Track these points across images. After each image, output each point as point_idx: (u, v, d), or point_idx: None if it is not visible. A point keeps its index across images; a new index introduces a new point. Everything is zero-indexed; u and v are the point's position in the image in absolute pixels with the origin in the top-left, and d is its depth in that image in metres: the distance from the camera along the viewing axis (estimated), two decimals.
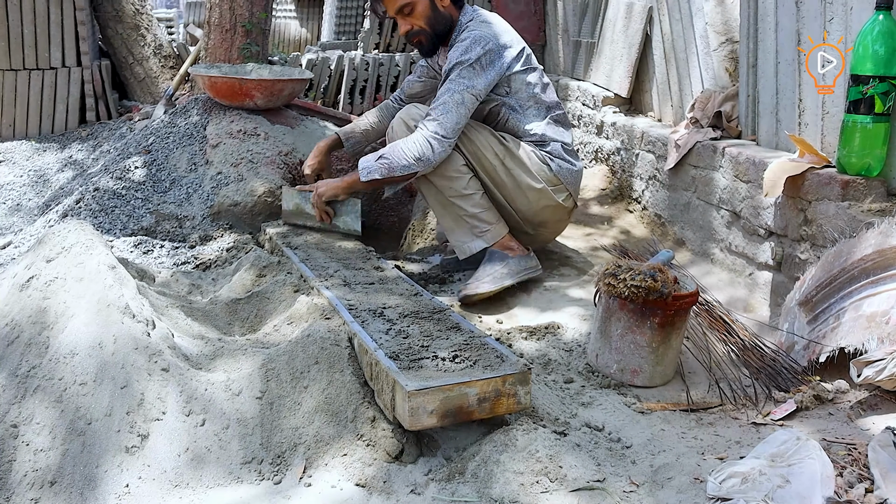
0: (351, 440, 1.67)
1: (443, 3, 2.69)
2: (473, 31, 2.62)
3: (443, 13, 2.70)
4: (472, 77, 2.57)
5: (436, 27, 2.71)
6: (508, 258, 2.65)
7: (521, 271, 2.66)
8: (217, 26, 4.27)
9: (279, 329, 2.09)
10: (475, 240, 2.66)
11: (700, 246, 2.96)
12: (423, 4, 2.67)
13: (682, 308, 2.04)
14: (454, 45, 2.63)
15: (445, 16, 2.70)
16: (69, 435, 1.58)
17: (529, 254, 2.71)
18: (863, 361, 1.81)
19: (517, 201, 2.70)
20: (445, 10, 2.70)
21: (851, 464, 1.55)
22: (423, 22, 2.69)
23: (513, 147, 2.68)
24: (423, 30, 2.70)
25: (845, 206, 2.19)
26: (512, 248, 2.68)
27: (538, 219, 2.76)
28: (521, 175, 2.67)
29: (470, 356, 1.80)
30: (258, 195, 3.16)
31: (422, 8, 2.67)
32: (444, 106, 2.54)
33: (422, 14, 2.67)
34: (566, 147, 2.78)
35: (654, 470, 1.64)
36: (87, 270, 1.79)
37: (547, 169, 2.70)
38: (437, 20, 2.70)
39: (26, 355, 1.67)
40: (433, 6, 2.68)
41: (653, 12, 3.64)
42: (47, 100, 5.06)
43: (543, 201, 2.71)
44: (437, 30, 2.72)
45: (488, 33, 2.62)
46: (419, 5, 2.66)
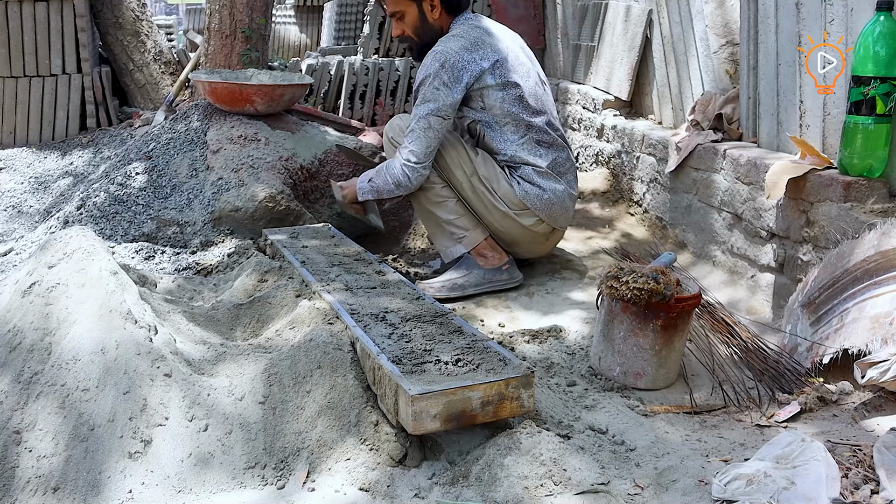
0: (354, 444, 1.67)
1: (433, 15, 2.70)
2: (437, 46, 2.63)
3: (431, 24, 2.71)
4: (436, 97, 2.59)
5: (422, 37, 2.73)
6: (475, 268, 2.70)
7: (482, 283, 2.69)
8: (217, 32, 4.28)
9: (281, 334, 2.08)
10: (456, 245, 2.72)
11: (701, 248, 2.95)
12: (412, 15, 2.70)
13: (685, 310, 2.04)
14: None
15: (434, 27, 2.71)
16: (72, 441, 1.58)
17: (503, 266, 2.72)
18: (867, 363, 1.81)
19: (486, 217, 2.72)
20: (435, 22, 2.71)
21: (856, 465, 1.55)
22: (410, 30, 2.72)
23: (481, 165, 2.68)
24: (411, 38, 2.75)
25: (847, 207, 2.19)
26: (485, 256, 2.70)
27: (508, 238, 2.75)
28: (486, 195, 2.68)
29: (473, 360, 1.79)
30: (259, 200, 3.16)
31: (410, 18, 2.71)
32: (412, 133, 2.61)
33: (410, 23, 2.71)
34: (538, 170, 2.68)
35: (658, 473, 1.63)
36: (89, 276, 1.79)
37: (511, 193, 2.67)
38: (425, 31, 2.72)
39: (29, 361, 1.67)
40: (422, 17, 2.70)
41: (652, 15, 3.64)
42: (48, 107, 5.07)
43: (509, 222, 2.70)
44: (424, 40, 2.73)
45: (451, 48, 2.60)
46: (408, 15, 2.70)
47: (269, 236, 2.92)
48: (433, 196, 2.69)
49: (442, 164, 2.67)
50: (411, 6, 2.69)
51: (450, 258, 2.75)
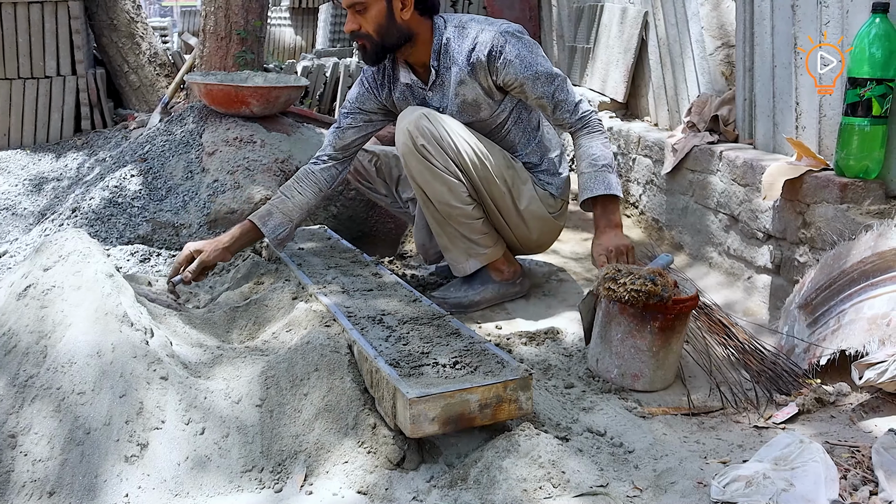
0: (352, 447, 1.66)
1: (402, 14, 2.34)
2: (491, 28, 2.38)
3: (399, 25, 2.35)
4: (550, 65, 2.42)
5: (385, 38, 2.36)
6: (490, 282, 2.60)
7: (497, 297, 2.63)
8: (212, 34, 4.27)
9: (278, 336, 2.08)
10: (469, 260, 2.55)
11: (698, 249, 2.96)
12: (378, 9, 2.32)
13: (683, 312, 2.03)
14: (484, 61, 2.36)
15: (402, 28, 2.36)
16: (68, 444, 1.57)
17: (516, 279, 2.66)
18: (864, 364, 1.81)
19: (519, 229, 2.58)
20: (403, 23, 2.35)
21: (855, 466, 1.55)
22: (371, 27, 2.34)
23: (521, 175, 2.53)
24: (370, 36, 2.36)
25: (844, 208, 2.20)
26: (502, 271, 2.61)
27: (538, 242, 2.69)
28: (527, 204, 2.54)
29: (471, 362, 1.79)
30: (255, 202, 3.15)
31: (374, 13, 2.32)
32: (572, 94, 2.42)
33: (373, 19, 2.33)
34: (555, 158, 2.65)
35: (656, 475, 1.63)
36: (85, 279, 1.78)
37: (548, 195, 2.59)
38: (389, 31, 2.35)
39: (24, 364, 1.66)
40: (389, 15, 2.33)
41: (648, 17, 3.64)
42: (42, 109, 5.06)
43: (547, 227, 2.63)
44: (387, 42, 2.37)
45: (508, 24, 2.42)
46: (373, 9, 2.32)
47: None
48: (461, 216, 2.45)
49: (483, 175, 2.43)
50: (378, 2, 2.31)
51: (461, 273, 2.60)
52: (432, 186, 2.40)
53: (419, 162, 2.37)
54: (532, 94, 2.40)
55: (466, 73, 2.41)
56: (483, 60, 2.37)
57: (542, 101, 2.40)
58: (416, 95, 2.53)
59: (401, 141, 2.37)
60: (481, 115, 2.48)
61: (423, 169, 2.38)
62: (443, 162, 2.36)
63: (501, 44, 2.34)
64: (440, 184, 2.39)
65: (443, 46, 2.42)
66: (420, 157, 2.35)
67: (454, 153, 2.37)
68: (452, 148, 2.37)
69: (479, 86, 2.43)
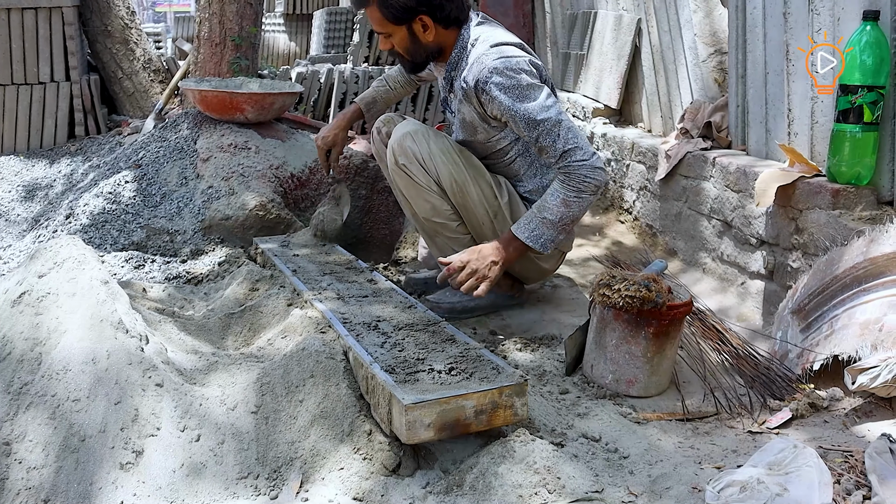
0: (347, 454, 1.66)
1: (426, 37, 2.36)
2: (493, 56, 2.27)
3: (425, 45, 2.38)
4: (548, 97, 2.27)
5: (415, 57, 2.43)
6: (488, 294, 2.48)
7: (490, 307, 2.60)
8: (207, 40, 4.27)
9: (273, 343, 2.08)
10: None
11: (691, 255, 2.97)
12: (401, 37, 2.37)
13: (677, 318, 2.04)
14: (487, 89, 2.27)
15: (430, 47, 2.39)
16: (63, 452, 1.56)
17: (514, 293, 2.62)
18: (857, 369, 1.82)
19: None
20: (430, 43, 2.38)
21: (848, 471, 1.56)
22: (400, 50, 2.41)
23: (512, 208, 2.48)
24: (401, 55, 2.44)
25: (836, 214, 2.21)
26: (499, 284, 2.48)
27: (521, 275, 2.62)
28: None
29: (466, 368, 1.79)
30: (250, 209, 3.15)
31: (399, 40, 2.38)
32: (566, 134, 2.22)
33: (399, 44, 2.39)
34: None
35: (651, 480, 1.64)
36: (80, 286, 1.78)
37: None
38: (417, 52, 2.40)
39: (18, 372, 1.66)
40: (412, 39, 2.37)
41: (641, 24, 3.66)
42: (36, 115, 5.04)
43: (531, 265, 2.55)
44: (417, 59, 2.43)
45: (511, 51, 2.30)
46: (396, 37, 2.37)
47: (259, 245, 2.91)
48: (446, 231, 2.48)
49: (461, 202, 2.43)
50: (399, 30, 2.35)
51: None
52: (416, 202, 2.46)
53: (402, 178, 2.44)
54: (518, 132, 2.33)
55: (461, 95, 2.41)
56: (471, 89, 2.33)
57: (527, 140, 2.31)
58: (443, 90, 2.58)
59: (388, 157, 2.47)
60: (478, 138, 2.47)
61: (408, 184, 2.43)
62: (425, 181, 2.41)
63: (486, 79, 2.26)
64: (423, 200, 2.45)
65: (459, 61, 2.41)
66: (404, 175, 2.42)
67: (435, 175, 2.41)
68: (434, 170, 2.40)
69: (474, 109, 2.40)
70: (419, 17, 2.32)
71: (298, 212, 3.44)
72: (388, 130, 2.71)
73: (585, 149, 2.24)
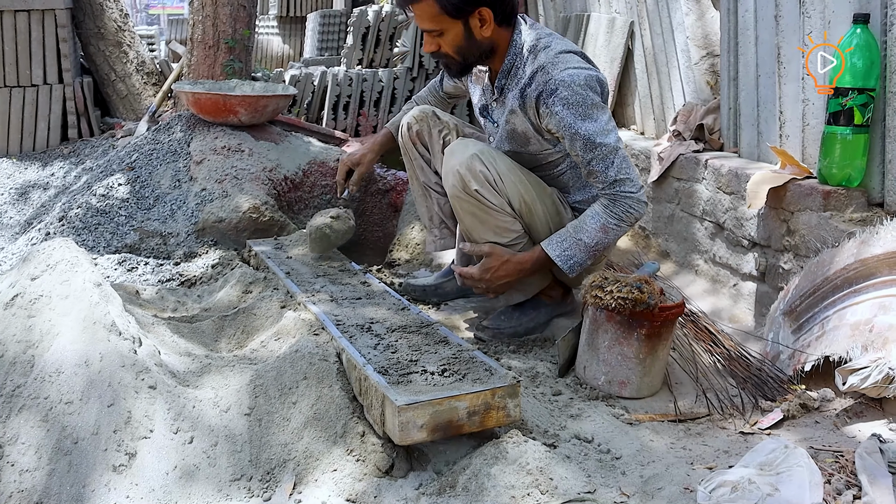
0: (340, 455, 1.66)
1: (482, 32, 2.22)
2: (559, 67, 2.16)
3: (480, 42, 2.24)
4: (609, 123, 2.18)
5: (467, 57, 2.27)
6: (542, 307, 2.50)
7: (549, 321, 2.53)
8: (200, 43, 4.27)
9: (266, 345, 2.08)
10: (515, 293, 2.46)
11: (684, 257, 2.98)
12: (455, 34, 2.21)
13: (669, 319, 2.05)
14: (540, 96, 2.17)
15: (483, 45, 2.25)
16: (55, 454, 1.56)
17: (566, 300, 2.56)
18: (847, 370, 1.83)
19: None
20: (485, 40, 2.24)
21: (839, 471, 1.57)
22: (450, 49, 2.24)
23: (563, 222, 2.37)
24: (450, 56, 2.27)
25: (827, 216, 2.22)
26: (551, 295, 2.50)
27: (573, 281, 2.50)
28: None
29: (459, 370, 1.80)
30: (243, 211, 3.15)
31: (452, 36, 2.22)
32: (621, 163, 2.16)
33: (451, 42, 2.23)
34: None
35: (643, 480, 1.64)
36: (73, 288, 1.78)
37: None
38: (471, 50, 2.25)
39: (11, 374, 1.65)
40: (468, 35, 2.22)
41: (634, 27, 3.68)
42: (29, 117, 5.03)
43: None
44: (469, 60, 2.29)
45: (574, 62, 2.19)
46: (450, 33, 2.21)
47: (253, 247, 2.91)
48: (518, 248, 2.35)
49: (528, 224, 2.33)
50: (454, 25, 2.19)
51: (509, 301, 2.49)
52: (482, 230, 2.30)
53: (471, 205, 2.26)
54: (570, 150, 2.23)
55: (518, 104, 2.27)
56: (532, 99, 2.21)
57: (577, 160, 2.22)
58: (483, 97, 2.46)
59: (450, 182, 2.27)
60: (530, 149, 2.35)
61: (478, 209, 2.26)
62: (498, 203, 2.26)
63: (552, 91, 2.15)
64: (495, 223, 2.28)
65: (514, 67, 2.28)
66: (473, 200, 2.25)
67: (506, 196, 2.27)
68: (504, 192, 2.26)
69: (528, 121, 2.28)
70: (478, 10, 2.18)
71: (292, 214, 3.44)
72: (420, 129, 2.63)
73: (635, 181, 2.19)
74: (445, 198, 2.61)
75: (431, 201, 2.73)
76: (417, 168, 2.71)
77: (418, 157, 2.70)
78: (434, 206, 2.73)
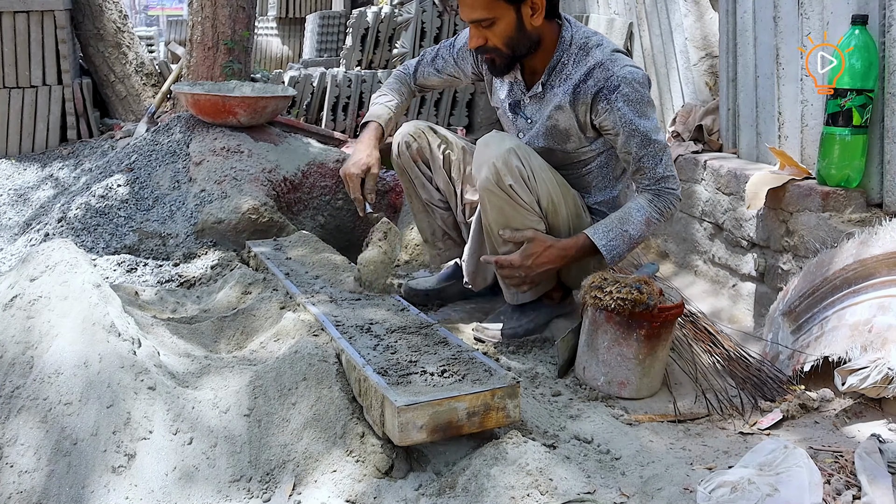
0: (340, 456, 1.66)
1: (533, 21, 2.15)
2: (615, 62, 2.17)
3: (529, 33, 2.18)
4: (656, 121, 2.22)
5: (517, 49, 2.20)
6: (542, 308, 2.48)
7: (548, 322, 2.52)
8: (199, 44, 4.27)
9: (266, 346, 2.08)
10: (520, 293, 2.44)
11: (683, 258, 2.98)
12: (507, 21, 2.14)
13: (668, 320, 2.05)
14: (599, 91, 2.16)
15: (532, 36, 2.19)
16: (54, 455, 1.56)
17: (566, 301, 2.55)
18: (847, 370, 1.83)
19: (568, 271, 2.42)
20: (534, 30, 2.18)
21: (838, 471, 1.57)
22: (500, 41, 2.18)
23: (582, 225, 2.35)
24: (499, 49, 2.20)
25: (826, 216, 2.23)
26: (552, 297, 2.50)
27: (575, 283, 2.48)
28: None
29: (458, 370, 1.80)
30: (242, 212, 3.15)
31: (503, 26, 2.15)
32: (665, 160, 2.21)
33: (502, 33, 2.16)
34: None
35: (643, 481, 1.64)
36: (72, 289, 1.78)
37: None
38: (521, 41, 2.19)
39: (10, 375, 1.65)
40: (519, 25, 2.15)
41: (633, 28, 3.68)
42: (28, 118, 5.03)
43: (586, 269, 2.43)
44: (518, 52, 2.21)
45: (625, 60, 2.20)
46: (502, 22, 2.14)
47: (252, 248, 2.91)
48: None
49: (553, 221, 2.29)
50: (508, 11, 2.12)
51: (513, 301, 2.46)
52: (507, 223, 2.25)
53: (501, 199, 2.21)
54: (621, 146, 2.22)
55: (568, 100, 2.23)
56: (589, 95, 2.19)
57: (627, 156, 2.23)
58: (513, 93, 2.39)
59: (483, 175, 2.20)
60: (567, 147, 2.32)
61: (507, 205, 2.22)
62: (528, 201, 2.22)
63: (614, 87, 2.15)
64: (517, 221, 2.24)
65: (560, 64, 2.24)
66: (504, 195, 2.20)
67: (536, 194, 2.23)
68: (535, 189, 2.23)
69: (575, 117, 2.25)
70: None
71: (291, 215, 3.44)
72: (420, 146, 2.54)
73: (678, 179, 2.25)
74: (448, 211, 2.58)
75: (434, 216, 2.66)
76: (419, 186, 2.61)
77: (419, 174, 2.59)
78: (437, 221, 2.68)
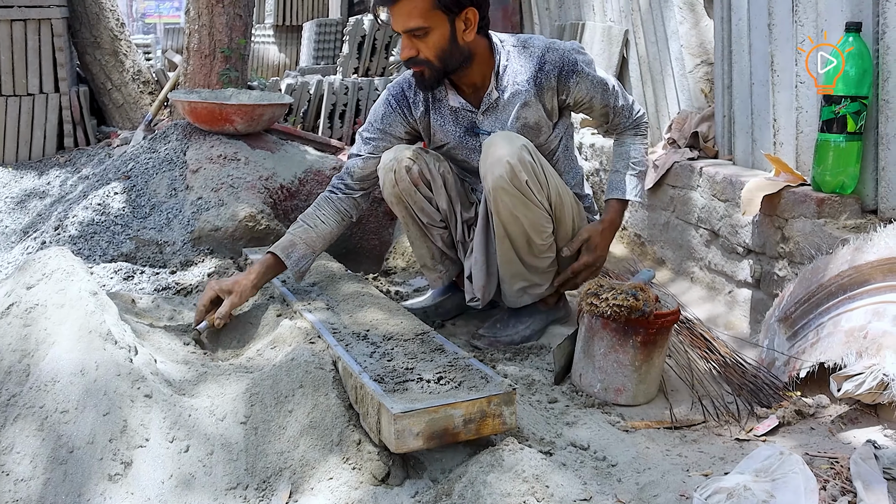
0: (337, 464, 1.66)
1: (465, 36, 2.17)
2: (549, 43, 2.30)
3: (461, 47, 2.18)
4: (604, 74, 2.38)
5: (448, 63, 2.19)
6: (537, 314, 2.51)
7: (544, 327, 2.54)
8: (196, 52, 4.28)
9: (262, 353, 2.08)
10: (524, 296, 2.45)
11: (679, 264, 2.99)
12: (441, 33, 2.13)
13: (664, 326, 2.06)
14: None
15: (464, 50, 2.19)
16: (51, 464, 1.56)
17: (559, 305, 2.58)
18: (842, 376, 1.84)
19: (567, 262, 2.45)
20: (466, 45, 2.19)
21: (834, 477, 1.57)
22: (432, 53, 2.16)
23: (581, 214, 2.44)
24: (430, 62, 2.17)
25: (821, 223, 2.23)
26: (547, 301, 2.53)
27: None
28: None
29: (455, 377, 1.80)
30: (239, 220, 3.15)
31: (436, 37, 2.14)
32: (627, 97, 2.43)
33: (434, 44, 2.14)
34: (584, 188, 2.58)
35: (639, 488, 1.64)
36: (69, 297, 1.78)
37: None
38: (452, 55, 2.18)
39: (6, 383, 1.65)
40: (452, 38, 2.15)
41: (629, 35, 3.70)
42: (25, 126, 5.04)
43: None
44: (449, 66, 2.20)
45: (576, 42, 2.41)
46: (435, 33, 2.13)
47: (249, 256, 2.91)
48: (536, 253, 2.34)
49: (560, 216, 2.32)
50: (443, 22, 2.12)
51: (512, 305, 2.49)
52: (520, 223, 2.24)
53: (514, 197, 2.17)
54: (599, 106, 2.38)
55: (533, 93, 2.26)
56: (553, 79, 2.26)
57: (606, 110, 2.40)
58: (461, 120, 2.36)
59: (497, 173, 2.14)
60: (539, 140, 2.33)
61: (518, 203, 2.19)
62: (539, 199, 2.22)
63: (573, 61, 2.27)
64: (529, 220, 2.23)
65: (503, 66, 2.27)
66: (518, 193, 2.17)
67: (546, 191, 2.24)
68: (546, 185, 2.23)
69: (542, 107, 2.29)
70: (466, 11, 2.14)
71: (288, 223, 3.44)
72: (420, 168, 2.36)
73: (635, 100, 2.46)
74: (446, 230, 2.52)
75: (433, 238, 2.54)
76: (418, 211, 2.45)
77: (421, 198, 2.42)
78: (437, 242, 2.54)
